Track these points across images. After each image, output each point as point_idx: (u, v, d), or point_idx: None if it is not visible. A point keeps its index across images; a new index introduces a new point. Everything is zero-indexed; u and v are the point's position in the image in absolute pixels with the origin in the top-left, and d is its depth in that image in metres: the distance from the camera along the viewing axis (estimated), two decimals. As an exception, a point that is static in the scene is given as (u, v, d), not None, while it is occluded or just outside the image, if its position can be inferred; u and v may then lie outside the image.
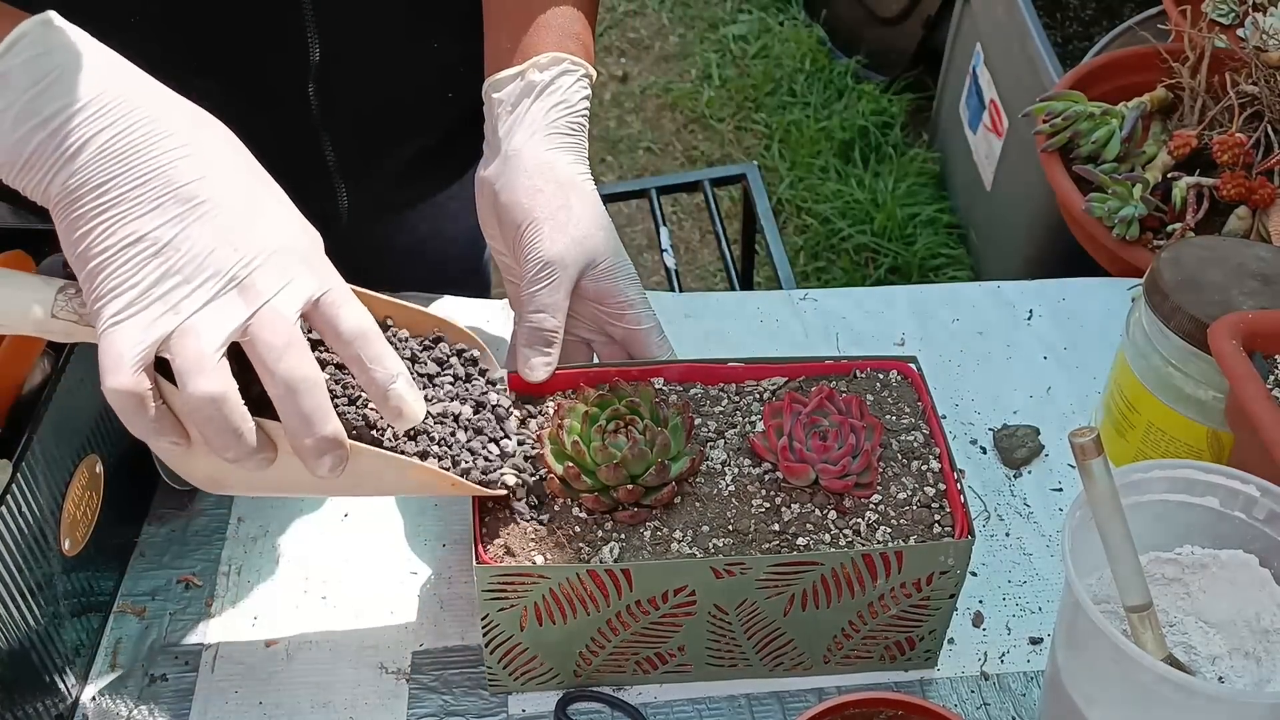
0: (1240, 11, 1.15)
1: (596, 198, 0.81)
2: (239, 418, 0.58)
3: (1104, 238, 1.09)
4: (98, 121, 0.57)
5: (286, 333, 0.58)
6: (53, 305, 0.60)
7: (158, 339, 0.56)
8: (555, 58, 0.81)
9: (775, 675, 0.77)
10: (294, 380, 0.58)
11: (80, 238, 0.57)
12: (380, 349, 0.61)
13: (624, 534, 0.71)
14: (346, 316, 0.61)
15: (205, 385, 0.56)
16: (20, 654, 0.69)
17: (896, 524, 0.72)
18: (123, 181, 0.56)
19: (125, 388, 0.56)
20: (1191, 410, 0.83)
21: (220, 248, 0.57)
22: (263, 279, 0.58)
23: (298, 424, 0.59)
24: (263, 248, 0.58)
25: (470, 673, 0.78)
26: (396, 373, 0.61)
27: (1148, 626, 0.65)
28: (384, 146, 0.99)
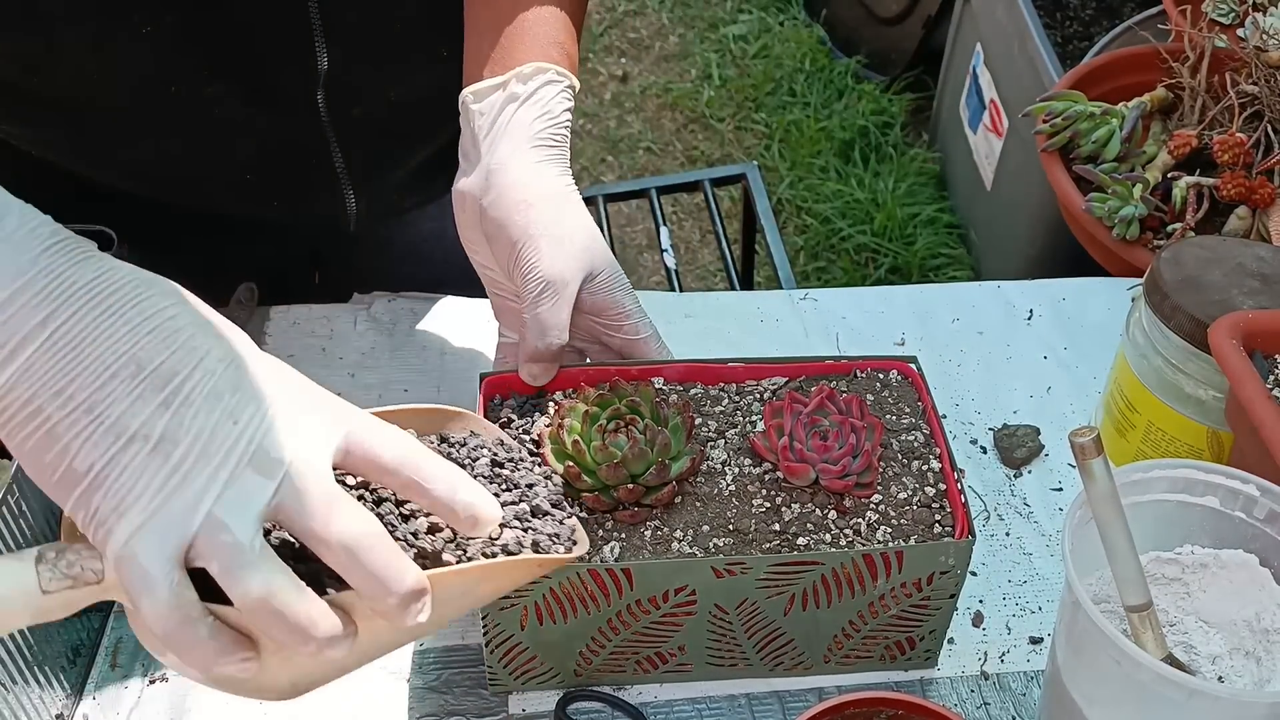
0: (1240, 11, 1.15)
1: (585, 209, 0.80)
2: (305, 603, 0.49)
3: (1104, 237, 1.09)
4: (42, 306, 0.47)
5: (325, 492, 0.50)
6: (39, 581, 0.49)
7: (182, 544, 0.47)
8: (539, 67, 0.80)
9: (775, 675, 0.77)
10: (353, 540, 0.50)
11: (56, 458, 0.47)
12: (432, 465, 0.54)
13: (624, 533, 0.71)
14: (384, 448, 0.53)
15: (253, 581, 0.48)
16: (20, 654, 0.69)
17: (897, 524, 0.72)
18: (88, 379, 0.47)
19: (165, 606, 0.47)
20: (1191, 410, 0.83)
21: (221, 425, 0.49)
22: (279, 443, 0.50)
23: (374, 587, 0.50)
24: (266, 409, 0.50)
25: (470, 672, 0.78)
26: (455, 483, 0.55)
27: (1148, 626, 0.65)
28: (392, 153, 1.00)
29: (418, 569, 0.52)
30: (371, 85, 0.92)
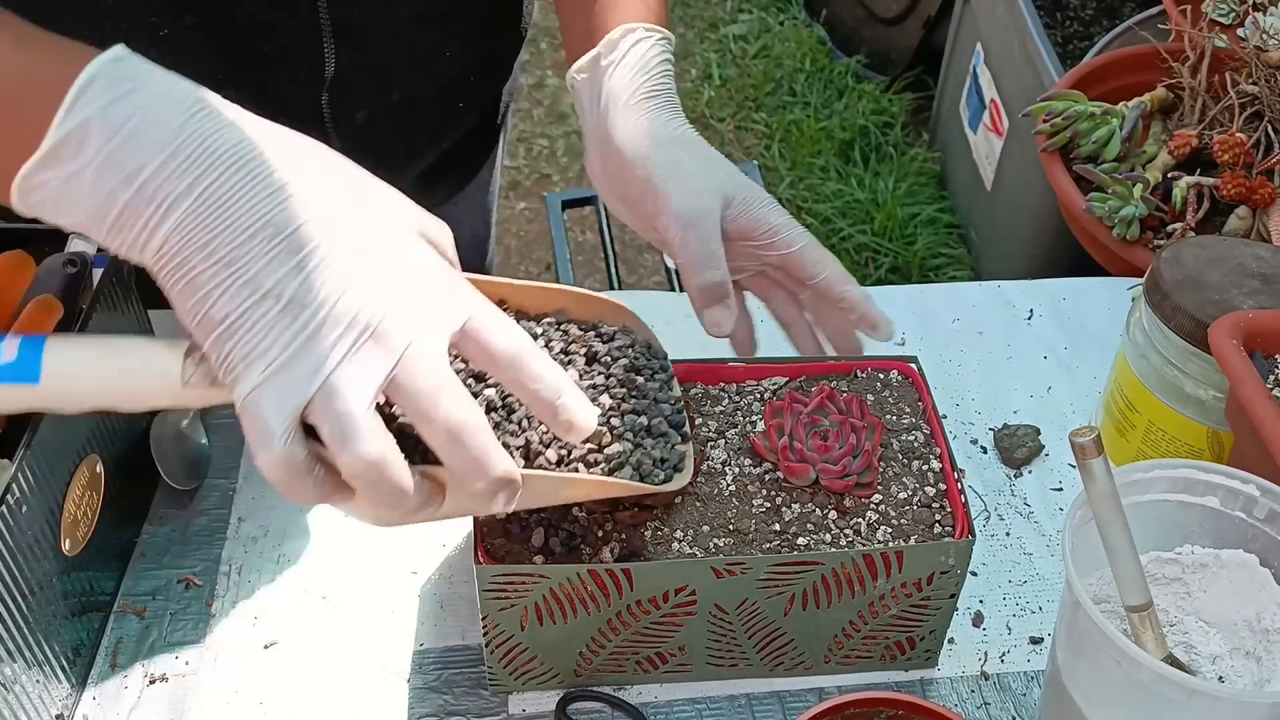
0: (1240, 11, 1.15)
1: (702, 141, 0.80)
2: (402, 477, 0.53)
3: (1104, 237, 1.09)
4: (191, 169, 0.51)
5: (438, 375, 0.52)
6: (183, 374, 0.55)
7: (300, 404, 0.50)
8: (625, 29, 0.81)
9: (775, 675, 0.77)
10: (456, 425, 0.52)
11: (197, 304, 0.51)
12: (540, 365, 0.56)
13: (624, 534, 0.71)
14: (499, 338, 0.55)
15: (363, 449, 0.51)
16: (20, 654, 0.69)
17: (897, 524, 0.72)
18: (229, 236, 0.50)
19: (280, 459, 0.51)
20: (1191, 410, 0.83)
21: (350, 292, 0.51)
22: (400, 320, 0.52)
23: (468, 470, 0.53)
24: (395, 284, 0.52)
25: (470, 672, 0.78)
26: (560, 387, 0.56)
27: (1148, 626, 0.65)
28: (396, 156, 0.99)
29: (510, 461, 0.55)
30: (375, 87, 0.92)
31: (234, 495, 0.88)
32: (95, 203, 0.50)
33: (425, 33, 0.91)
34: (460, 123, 0.99)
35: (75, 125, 0.50)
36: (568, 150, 2.73)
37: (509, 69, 1.05)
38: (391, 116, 0.95)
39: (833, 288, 0.78)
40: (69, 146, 0.50)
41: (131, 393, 0.56)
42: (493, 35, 0.97)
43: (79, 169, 0.50)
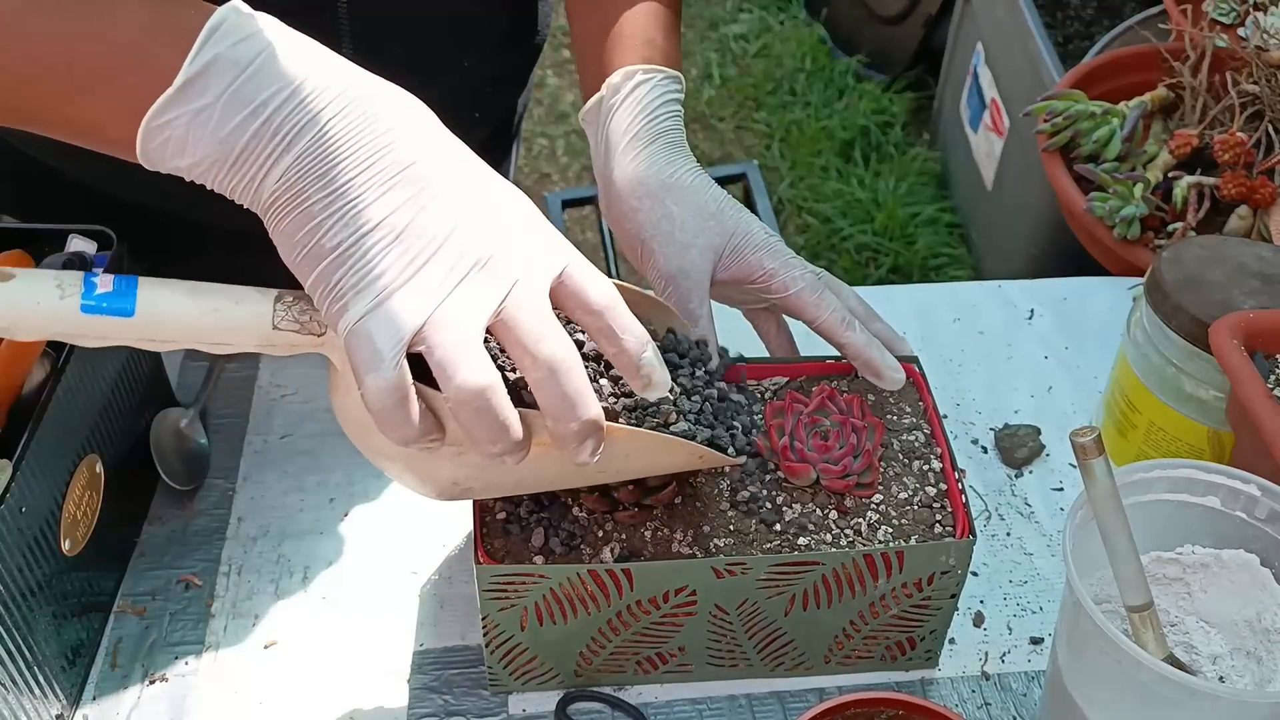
0: (1241, 11, 1.15)
1: (698, 186, 0.79)
2: (507, 408, 0.54)
3: (1105, 237, 1.09)
4: (312, 105, 0.53)
5: (543, 312, 0.54)
6: (273, 317, 0.57)
7: (413, 330, 0.51)
8: (626, 73, 0.81)
9: (776, 675, 0.77)
10: (556, 362, 0.54)
11: (309, 234, 0.52)
12: (629, 318, 0.58)
13: (625, 534, 0.71)
14: (594, 288, 0.57)
15: (474, 376, 0.52)
16: (21, 654, 0.69)
17: (897, 524, 0.72)
18: (349, 167, 0.52)
19: (389, 383, 0.52)
20: (1192, 410, 0.83)
21: (460, 228, 0.53)
22: (509, 258, 0.54)
23: (562, 408, 0.54)
24: (501, 225, 0.55)
25: (470, 673, 0.78)
26: (645, 341, 0.58)
27: (1149, 626, 0.65)
28: None
29: (598, 404, 0.56)
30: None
31: (234, 495, 0.88)
32: (221, 136, 0.52)
33: (444, 42, 0.91)
34: (475, 133, 1.00)
35: (205, 63, 0.52)
36: (568, 150, 2.73)
37: (525, 79, 1.05)
38: None
39: (833, 334, 0.77)
40: (199, 83, 0.52)
41: (221, 332, 0.57)
42: (510, 47, 0.97)
43: (208, 103, 0.52)
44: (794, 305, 0.78)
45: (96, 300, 0.55)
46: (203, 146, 0.53)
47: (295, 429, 0.93)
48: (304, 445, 0.92)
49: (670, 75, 0.82)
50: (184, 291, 0.57)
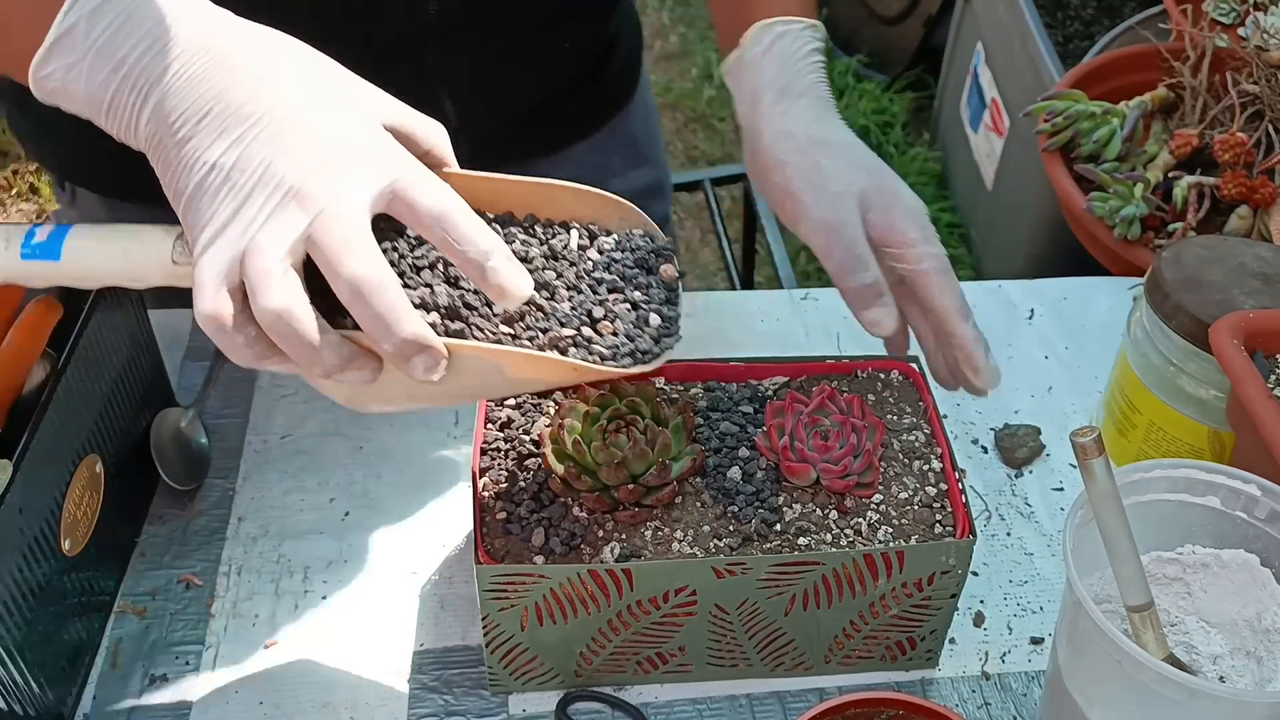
0: (1241, 11, 1.15)
1: (848, 144, 0.78)
2: (308, 330, 0.55)
3: (1105, 237, 1.09)
4: (166, 58, 0.56)
5: (344, 233, 0.55)
6: (172, 253, 0.62)
7: (231, 260, 0.55)
8: (764, 25, 0.81)
9: (776, 675, 0.77)
10: (358, 281, 0.55)
11: (169, 180, 0.57)
12: (467, 227, 0.57)
13: (625, 534, 0.71)
14: (424, 200, 0.57)
15: (269, 300, 0.54)
16: (20, 654, 0.69)
17: (898, 524, 0.72)
18: (190, 114, 0.56)
19: (207, 311, 0.55)
20: (1193, 410, 0.83)
21: (276, 160, 0.55)
22: (320, 183, 0.55)
23: (374, 328, 0.55)
24: (321, 151, 0.56)
25: (470, 673, 0.78)
26: (489, 249, 0.57)
27: (1149, 626, 0.65)
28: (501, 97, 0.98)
29: (420, 323, 0.56)
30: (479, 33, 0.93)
31: (234, 495, 0.88)
32: (91, 91, 0.57)
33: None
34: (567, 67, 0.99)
35: (73, 21, 0.56)
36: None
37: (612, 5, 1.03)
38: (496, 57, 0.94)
39: (946, 320, 0.76)
40: (67, 39, 0.56)
41: (132, 270, 0.62)
42: None
43: (76, 60, 0.57)
44: (922, 281, 0.75)
45: (32, 249, 0.62)
46: (79, 99, 0.58)
47: (295, 429, 0.93)
48: (304, 445, 0.92)
49: (810, 25, 0.82)
50: (100, 236, 0.62)
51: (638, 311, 0.66)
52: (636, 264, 0.68)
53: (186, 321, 1.01)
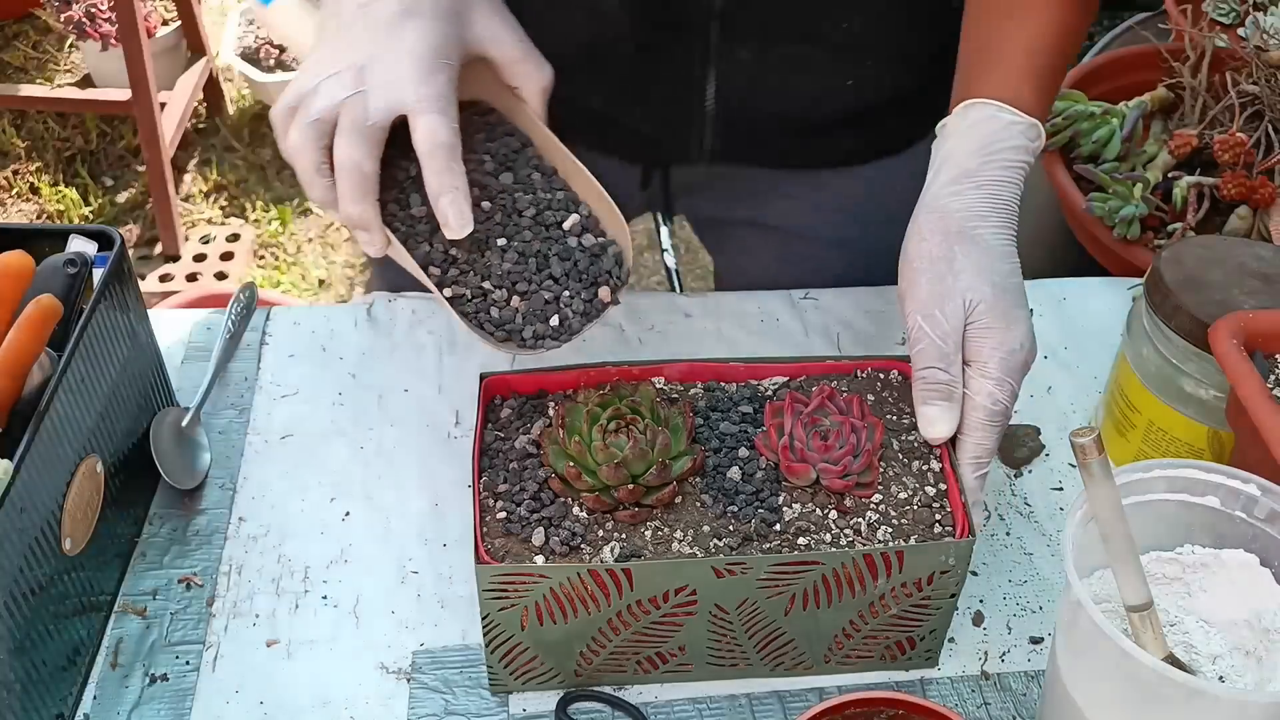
0: (1241, 11, 1.15)
1: (995, 251, 0.75)
2: (307, 172, 0.73)
3: (1105, 237, 1.09)
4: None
5: (349, 121, 0.71)
6: None
7: (299, 92, 0.73)
8: (981, 104, 0.78)
9: (776, 675, 0.77)
10: (339, 161, 0.71)
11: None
12: (439, 164, 0.71)
13: (625, 533, 0.71)
14: (419, 130, 0.71)
15: (290, 136, 0.73)
16: (20, 654, 0.69)
17: (897, 524, 0.72)
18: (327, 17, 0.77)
19: (273, 112, 0.75)
20: (1192, 410, 0.83)
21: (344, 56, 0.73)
22: (370, 78, 0.71)
23: (339, 199, 0.72)
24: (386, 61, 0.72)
25: (471, 672, 0.78)
26: (439, 190, 0.71)
27: (1148, 626, 0.65)
28: (763, 102, 0.97)
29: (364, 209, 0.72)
30: (763, 28, 0.92)
31: (234, 495, 0.88)
32: None
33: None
34: (839, 99, 0.97)
35: None
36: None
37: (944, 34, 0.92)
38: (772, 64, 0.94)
39: (960, 461, 0.74)
40: None
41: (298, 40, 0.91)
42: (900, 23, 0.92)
43: None
44: (966, 411, 0.74)
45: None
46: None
47: (295, 429, 0.93)
48: (304, 445, 0.92)
49: (1030, 123, 0.78)
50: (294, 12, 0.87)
51: (550, 306, 0.74)
52: (587, 271, 0.76)
53: (186, 321, 1.01)
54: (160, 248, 2.49)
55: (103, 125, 2.74)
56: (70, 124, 2.73)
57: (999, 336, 0.73)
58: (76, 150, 2.69)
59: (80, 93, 2.52)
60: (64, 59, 2.88)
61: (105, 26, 2.45)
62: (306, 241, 2.56)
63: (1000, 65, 0.79)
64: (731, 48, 0.93)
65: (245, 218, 2.60)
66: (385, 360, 0.99)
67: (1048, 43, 0.80)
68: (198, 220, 2.58)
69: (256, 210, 2.60)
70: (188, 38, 2.66)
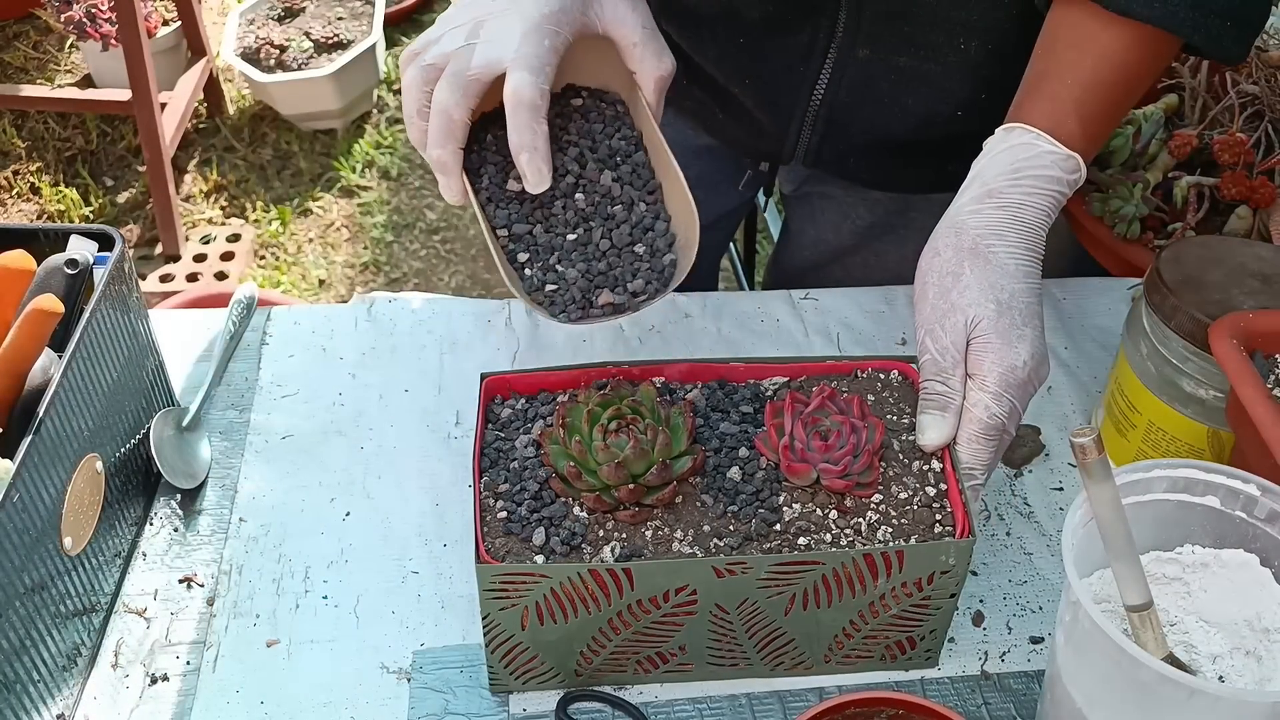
0: (1241, 11, 1.15)
1: (1004, 270, 0.75)
2: (409, 111, 0.78)
3: (1105, 237, 1.09)
4: None
5: (451, 69, 0.76)
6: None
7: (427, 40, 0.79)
8: (1021, 129, 0.78)
9: (776, 675, 0.77)
10: (435, 103, 0.76)
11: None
12: (520, 120, 0.74)
13: (625, 533, 0.71)
14: (508, 85, 0.75)
15: (405, 75, 0.78)
16: (21, 654, 0.69)
17: (897, 523, 0.72)
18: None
19: (402, 56, 0.80)
20: (1192, 410, 0.83)
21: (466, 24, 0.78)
22: (482, 33, 0.76)
23: (428, 140, 0.77)
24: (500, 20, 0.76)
25: (471, 672, 0.78)
26: (519, 145, 0.74)
27: (1148, 626, 0.65)
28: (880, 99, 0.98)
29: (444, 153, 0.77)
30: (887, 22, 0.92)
31: (234, 495, 0.88)
32: None
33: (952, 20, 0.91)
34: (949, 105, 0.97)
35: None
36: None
37: None
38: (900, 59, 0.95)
39: (955, 465, 0.74)
40: None
41: None
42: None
43: None
44: (964, 422, 0.74)
45: None
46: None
47: (295, 429, 0.93)
48: (304, 445, 0.92)
49: (1067, 155, 0.77)
50: None
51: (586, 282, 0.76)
52: (636, 263, 0.77)
53: (186, 321, 1.01)
54: (160, 248, 2.49)
55: (103, 125, 2.74)
56: (71, 124, 2.73)
57: (999, 353, 0.73)
58: (77, 150, 2.70)
59: (81, 93, 2.52)
60: (64, 59, 2.88)
61: (105, 27, 2.45)
62: (306, 241, 2.56)
63: (1051, 95, 0.79)
64: (853, 41, 0.93)
65: (245, 218, 2.60)
66: (385, 360, 0.99)
67: (1104, 78, 0.79)
68: (198, 220, 2.58)
69: (256, 210, 2.60)
70: (188, 38, 2.66)
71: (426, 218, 2.63)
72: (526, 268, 0.77)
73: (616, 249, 0.78)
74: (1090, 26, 0.79)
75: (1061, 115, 0.78)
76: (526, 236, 0.78)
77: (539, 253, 0.78)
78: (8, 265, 0.75)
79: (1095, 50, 0.79)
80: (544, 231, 0.78)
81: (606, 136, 0.83)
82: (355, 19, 2.82)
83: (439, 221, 2.62)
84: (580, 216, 0.79)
